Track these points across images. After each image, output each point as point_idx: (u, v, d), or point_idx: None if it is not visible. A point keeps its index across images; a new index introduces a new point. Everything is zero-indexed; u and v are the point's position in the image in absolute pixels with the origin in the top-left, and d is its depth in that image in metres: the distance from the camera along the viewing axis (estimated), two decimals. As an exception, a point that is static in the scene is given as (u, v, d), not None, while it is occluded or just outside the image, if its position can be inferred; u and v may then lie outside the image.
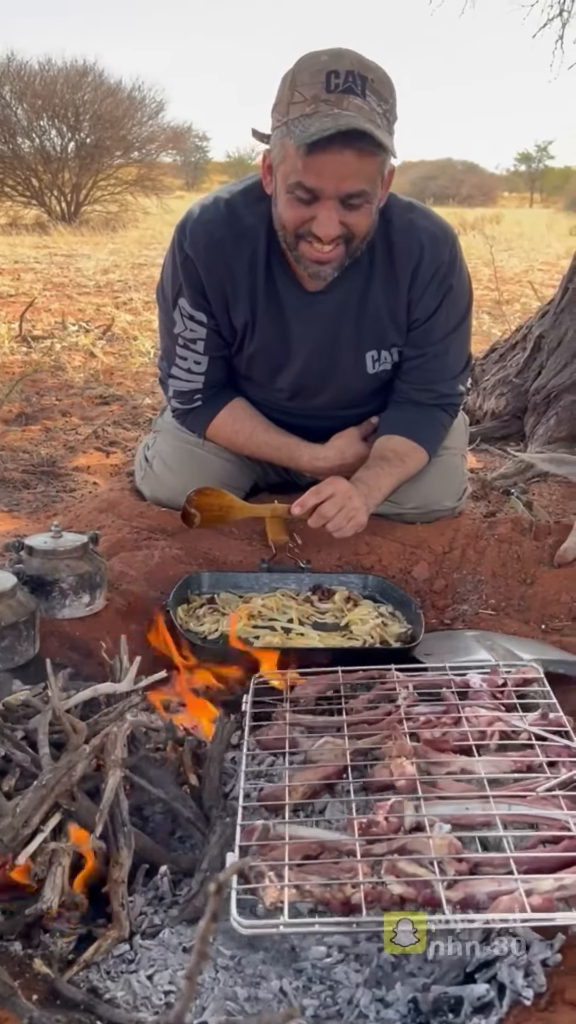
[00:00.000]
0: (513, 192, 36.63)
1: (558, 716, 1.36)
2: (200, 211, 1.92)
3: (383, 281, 1.92)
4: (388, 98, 1.66)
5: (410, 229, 1.90)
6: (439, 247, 1.91)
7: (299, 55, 1.69)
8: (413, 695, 1.44)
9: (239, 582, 1.90)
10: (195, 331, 1.98)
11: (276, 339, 1.98)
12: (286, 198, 1.72)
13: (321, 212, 1.69)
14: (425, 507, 2.13)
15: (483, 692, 1.44)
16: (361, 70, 1.63)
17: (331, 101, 1.60)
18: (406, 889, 1.03)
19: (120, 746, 1.21)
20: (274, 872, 1.05)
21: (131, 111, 16.83)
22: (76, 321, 5.62)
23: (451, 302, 1.97)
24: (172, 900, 1.16)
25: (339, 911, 1.03)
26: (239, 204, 1.89)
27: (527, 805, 1.17)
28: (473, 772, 1.24)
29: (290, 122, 1.63)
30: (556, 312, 3.36)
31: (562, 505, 2.48)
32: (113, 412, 3.56)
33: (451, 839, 1.09)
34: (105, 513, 2.14)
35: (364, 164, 1.64)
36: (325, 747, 1.32)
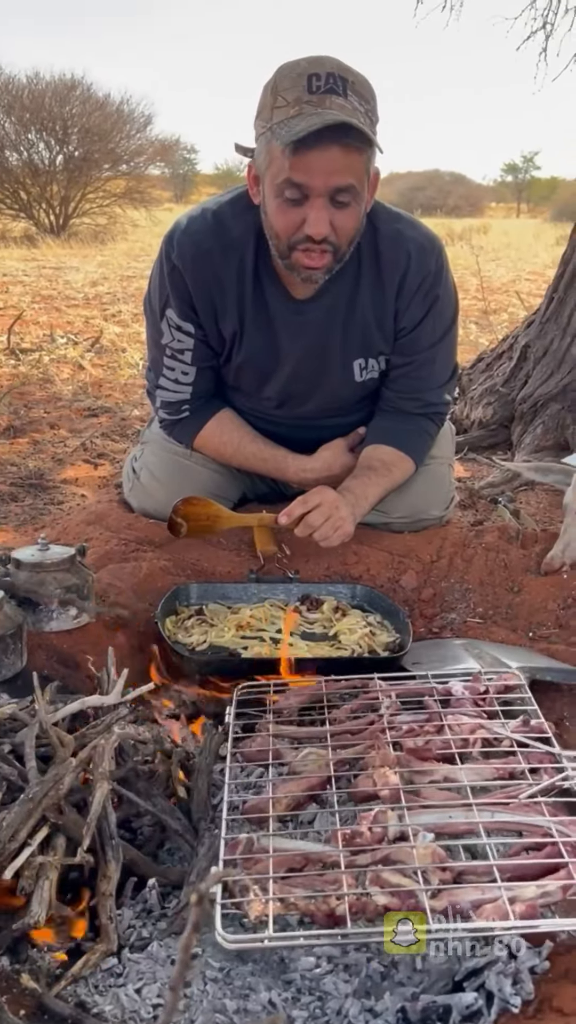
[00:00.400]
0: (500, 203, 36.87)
1: (539, 723, 1.36)
2: (187, 222, 1.93)
3: (370, 290, 1.93)
4: (369, 99, 1.68)
5: (397, 239, 1.91)
6: (426, 257, 1.92)
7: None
8: (396, 704, 1.44)
9: (227, 593, 1.90)
10: (183, 342, 1.99)
11: (264, 348, 1.99)
12: (276, 203, 1.72)
13: (311, 212, 1.69)
14: (413, 516, 2.14)
15: (465, 700, 1.45)
16: (341, 72, 1.65)
17: (314, 102, 1.62)
18: (391, 899, 1.03)
19: (108, 759, 1.21)
20: (258, 886, 1.05)
21: (119, 124, 16.89)
22: (64, 333, 5.62)
23: (437, 312, 1.98)
24: (160, 913, 1.16)
25: (324, 923, 1.03)
26: (226, 214, 1.91)
27: (510, 812, 1.18)
28: (456, 780, 1.25)
29: (275, 126, 1.65)
30: (542, 322, 3.38)
31: (549, 513, 2.50)
32: (101, 424, 3.56)
33: (435, 848, 1.09)
34: (93, 525, 2.14)
35: (351, 159, 1.66)
36: (309, 758, 1.32)
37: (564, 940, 1.11)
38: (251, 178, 1.80)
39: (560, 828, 1.13)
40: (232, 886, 1.05)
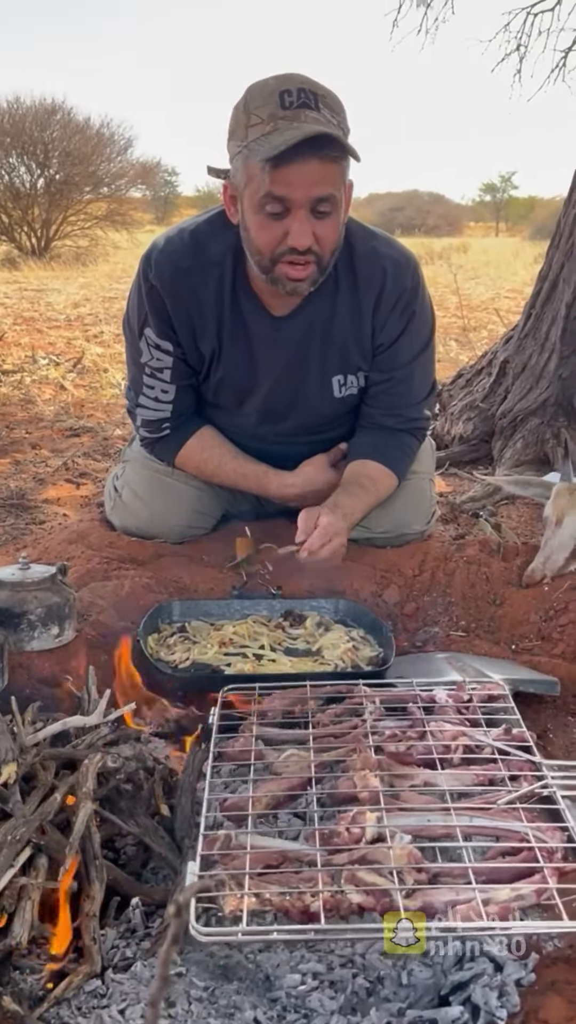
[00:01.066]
0: (479, 222, 37.24)
1: (521, 731, 1.37)
2: (165, 242, 1.94)
3: (348, 307, 1.94)
4: (339, 112, 1.70)
5: (373, 256, 1.92)
6: (402, 273, 1.94)
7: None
8: (380, 710, 1.45)
9: (210, 610, 1.90)
10: (161, 360, 2.00)
11: (243, 364, 1.99)
12: (257, 219, 1.73)
13: (293, 224, 1.70)
14: (395, 531, 2.15)
15: (448, 707, 1.46)
16: (311, 87, 1.67)
17: (288, 117, 1.64)
18: (365, 898, 1.04)
19: (91, 779, 1.20)
20: (234, 881, 1.05)
21: (100, 148, 17.00)
22: (46, 354, 5.63)
23: (415, 328, 2.00)
24: (144, 933, 1.14)
25: (298, 920, 1.03)
26: (203, 234, 1.92)
27: (488, 817, 1.19)
28: (436, 785, 1.26)
29: (251, 143, 1.66)
30: (520, 338, 3.41)
31: (529, 526, 2.51)
32: (83, 444, 3.55)
33: (411, 849, 1.10)
34: (75, 544, 2.14)
35: (329, 169, 1.68)
36: (290, 759, 1.32)
37: (550, 952, 1.11)
38: (227, 198, 1.81)
39: (536, 834, 1.14)
40: (208, 881, 1.05)
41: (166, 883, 1.22)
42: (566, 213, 3.32)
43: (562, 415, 3.14)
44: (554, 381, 3.20)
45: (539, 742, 1.61)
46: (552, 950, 1.12)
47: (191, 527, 2.19)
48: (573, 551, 2.03)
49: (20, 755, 1.21)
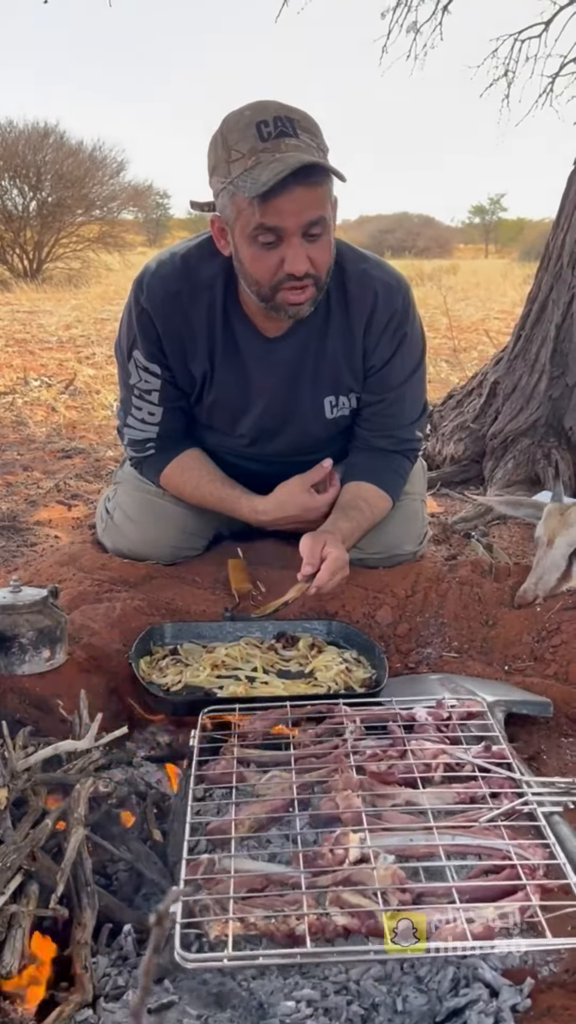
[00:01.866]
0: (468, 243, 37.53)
1: (501, 748, 1.38)
2: (157, 265, 1.96)
3: (339, 329, 1.96)
4: (316, 132, 1.72)
5: (363, 278, 1.94)
6: (392, 296, 1.96)
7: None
8: (360, 729, 1.45)
9: (202, 632, 1.89)
10: (149, 382, 2.01)
11: (236, 386, 2.00)
12: (251, 251, 1.74)
13: (288, 251, 1.72)
14: (387, 552, 2.15)
15: (428, 725, 1.46)
16: (286, 114, 1.68)
17: (269, 148, 1.65)
18: (350, 920, 1.04)
19: (83, 804, 1.19)
20: (219, 905, 1.05)
21: (92, 171, 17.11)
22: (38, 376, 5.64)
23: (406, 350, 2.01)
24: (137, 960, 1.13)
25: (283, 943, 1.03)
26: (194, 257, 1.93)
27: (470, 836, 1.19)
28: (418, 804, 1.26)
29: (236, 179, 1.67)
30: (510, 359, 3.43)
31: (521, 547, 2.52)
32: (75, 465, 3.55)
33: (395, 870, 1.11)
34: (66, 566, 2.13)
35: (316, 194, 1.69)
36: (272, 781, 1.31)
37: (545, 977, 1.10)
38: (216, 231, 1.82)
39: (519, 851, 1.15)
40: (192, 906, 1.05)
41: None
42: (555, 236, 3.35)
43: (552, 436, 3.16)
44: (544, 402, 3.22)
45: (532, 763, 1.61)
46: (547, 975, 1.11)
47: (183, 548, 2.19)
48: (565, 572, 2.04)
49: (11, 780, 1.20)
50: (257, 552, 2.25)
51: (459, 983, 1.06)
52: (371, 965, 1.10)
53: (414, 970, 1.10)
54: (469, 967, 1.09)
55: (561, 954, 1.14)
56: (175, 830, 1.28)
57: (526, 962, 1.13)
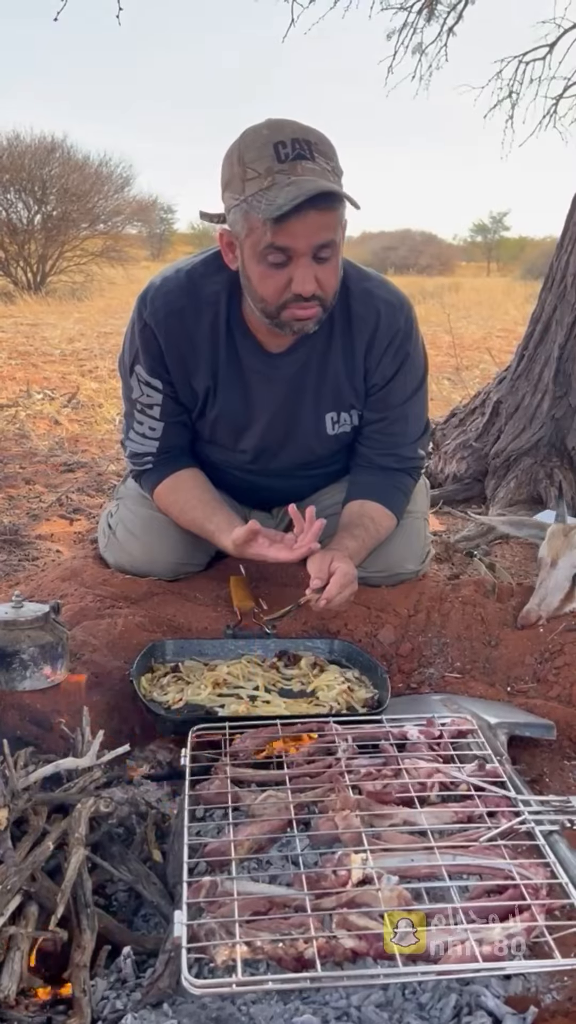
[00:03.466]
0: (471, 261, 37.69)
1: (494, 767, 1.37)
2: (161, 281, 1.97)
3: (341, 346, 1.97)
4: (332, 156, 1.73)
5: (367, 297, 1.95)
6: (395, 315, 1.96)
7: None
8: (352, 747, 1.44)
9: (204, 649, 1.88)
10: (151, 397, 2.01)
11: (238, 401, 2.01)
12: (260, 269, 1.75)
13: (296, 271, 1.73)
14: (389, 570, 2.14)
15: (420, 744, 1.45)
16: (304, 136, 1.69)
17: (285, 170, 1.66)
18: (358, 943, 1.03)
19: (83, 824, 1.18)
20: (224, 929, 1.04)
21: (98, 185, 17.25)
22: (41, 389, 5.65)
23: (408, 369, 2.01)
24: (136, 983, 1.12)
25: (292, 967, 1.01)
26: (198, 274, 1.94)
27: (471, 855, 1.18)
28: (416, 823, 1.25)
29: (250, 198, 1.68)
30: (513, 378, 3.44)
31: (524, 566, 2.51)
32: (78, 479, 3.56)
33: (400, 891, 1.10)
34: (68, 581, 2.13)
35: (328, 218, 1.70)
36: (268, 801, 1.31)
37: (548, 1005, 1.09)
38: (224, 244, 1.83)
39: (521, 871, 1.14)
40: (197, 930, 1.03)
41: (158, 931, 1.20)
42: (558, 257, 3.36)
43: (555, 455, 3.16)
44: (547, 422, 3.23)
45: (535, 785, 1.60)
46: (551, 1003, 1.10)
47: (185, 564, 2.19)
48: (568, 593, 2.03)
49: (11, 800, 1.19)
50: (259, 569, 2.25)
51: (461, 1011, 1.05)
52: (372, 991, 1.09)
53: (416, 996, 1.08)
54: (472, 994, 1.08)
55: (564, 981, 1.13)
56: (174, 851, 1.27)
57: (529, 989, 1.12)
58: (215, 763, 1.44)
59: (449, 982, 1.08)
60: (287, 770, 1.40)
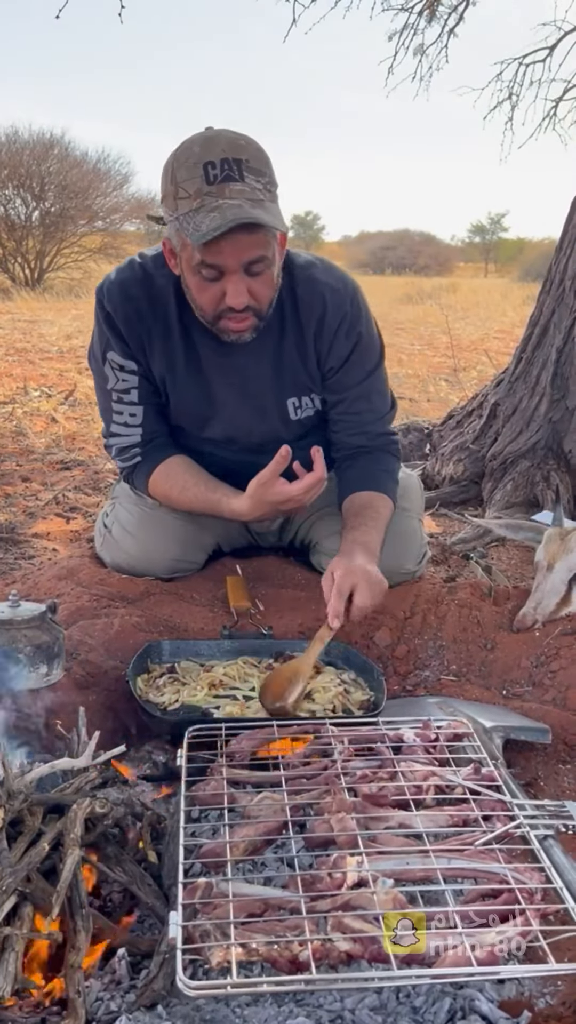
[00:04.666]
0: (468, 262, 37.72)
1: (490, 770, 1.37)
2: (116, 273, 2.04)
3: (293, 334, 2.01)
4: (265, 171, 1.75)
5: (311, 284, 1.99)
6: (340, 299, 2.00)
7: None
8: (349, 750, 1.44)
9: (200, 650, 1.88)
10: (127, 380, 2.04)
11: (197, 391, 2.05)
12: (195, 280, 1.81)
13: (229, 285, 1.78)
14: (386, 570, 2.13)
15: (417, 747, 1.46)
16: (234, 154, 1.71)
17: (213, 193, 1.69)
18: (353, 946, 1.03)
19: (79, 825, 1.18)
20: (219, 931, 1.04)
21: (96, 182, 17.23)
22: (38, 386, 5.64)
23: (362, 348, 2.04)
24: (130, 984, 1.12)
25: (287, 970, 1.01)
26: (150, 266, 2.00)
27: (466, 859, 1.19)
28: (411, 826, 1.26)
29: (181, 218, 1.73)
30: (511, 381, 3.45)
31: (520, 569, 2.52)
32: (74, 477, 3.55)
33: (395, 894, 1.10)
34: (64, 580, 2.12)
35: (257, 237, 1.74)
36: (264, 802, 1.31)
37: (542, 1010, 1.09)
38: (167, 252, 1.88)
39: (515, 875, 1.14)
40: (192, 931, 1.04)
41: (152, 932, 1.19)
42: (557, 260, 3.37)
43: (552, 458, 3.17)
44: (544, 425, 3.23)
45: (529, 789, 1.60)
46: (544, 1007, 1.10)
47: (181, 562, 2.19)
48: (564, 596, 2.04)
49: (7, 800, 1.19)
50: (256, 569, 2.25)
51: (455, 1015, 1.05)
52: (366, 995, 1.09)
53: (410, 1000, 1.09)
54: (466, 998, 1.08)
55: (558, 985, 1.13)
56: (170, 852, 1.27)
57: (523, 994, 1.12)
58: (211, 764, 1.44)
59: (443, 986, 1.08)
60: (283, 772, 1.40)
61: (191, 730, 1.48)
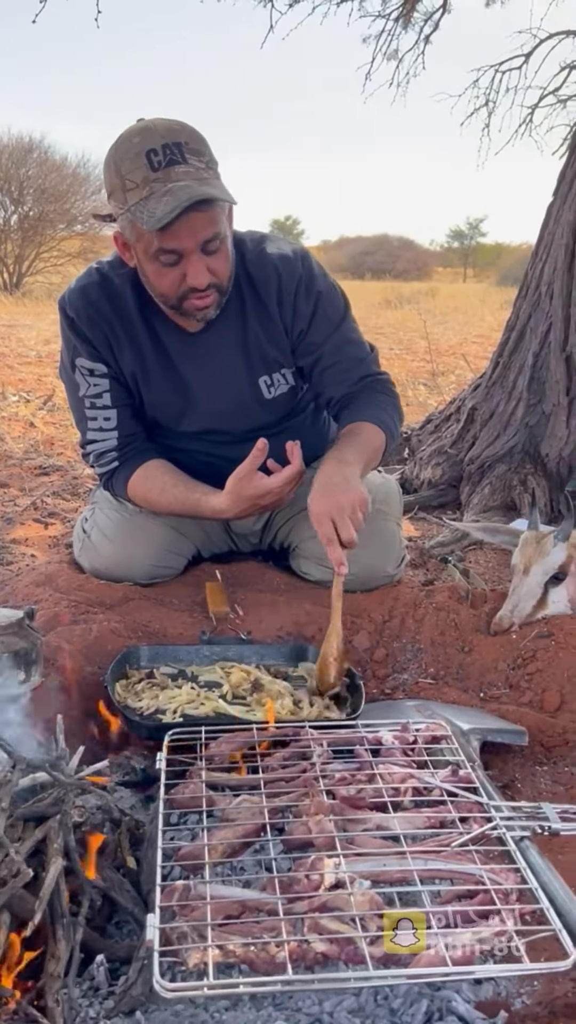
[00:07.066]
0: (447, 267, 37.88)
1: (467, 772, 1.39)
2: (76, 281, 2.08)
3: (255, 310, 2.03)
4: (204, 150, 1.80)
5: (263, 258, 2.03)
6: (291, 265, 2.03)
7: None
8: (327, 752, 1.45)
9: (179, 655, 1.88)
10: (99, 384, 2.06)
11: (171, 383, 2.07)
12: (154, 267, 1.84)
13: (189, 267, 1.82)
14: (366, 573, 2.15)
15: (395, 749, 1.47)
16: (172, 138, 1.76)
17: (160, 178, 1.74)
18: (329, 947, 1.03)
19: (61, 835, 1.18)
20: (196, 933, 1.04)
21: (75, 186, 17.20)
22: (16, 391, 5.61)
23: (325, 304, 2.06)
24: (108, 991, 1.12)
25: (264, 971, 1.02)
26: (107, 269, 2.05)
27: (443, 861, 1.19)
28: (389, 828, 1.26)
29: (133, 208, 1.76)
30: (488, 385, 3.47)
31: (497, 572, 2.54)
32: (53, 482, 3.54)
33: (372, 895, 1.10)
34: (42, 587, 2.12)
35: (211, 215, 1.78)
36: (242, 805, 1.31)
37: (519, 1010, 1.10)
38: (120, 246, 1.91)
39: (491, 876, 1.15)
40: (169, 934, 1.04)
41: (131, 938, 1.19)
42: (533, 266, 3.40)
43: (529, 462, 3.19)
44: (521, 429, 3.26)
45: (507, 791, 1.62)
46: (520, 1007, 1.11)
47: (160, 567, 2.18)
48: (540, 599, 2.05)
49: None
50: (236, 574, 2.25)
51: (432, 1016, 1.06)
52: (345, 997, 1.10)
53: (388, 1002, 1.10)
54: (443, 1000, 1.09)
55: (534, 985, 1.14)
56: (148, 857, 1.27)
57: (499, 994, 1.13)
58: (190, 768, 1.44)
59: (421, 988, 1.09)
60: (262, 775, 1.41)
61: (171, 734, 1.48)
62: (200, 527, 2.25)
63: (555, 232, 3.30)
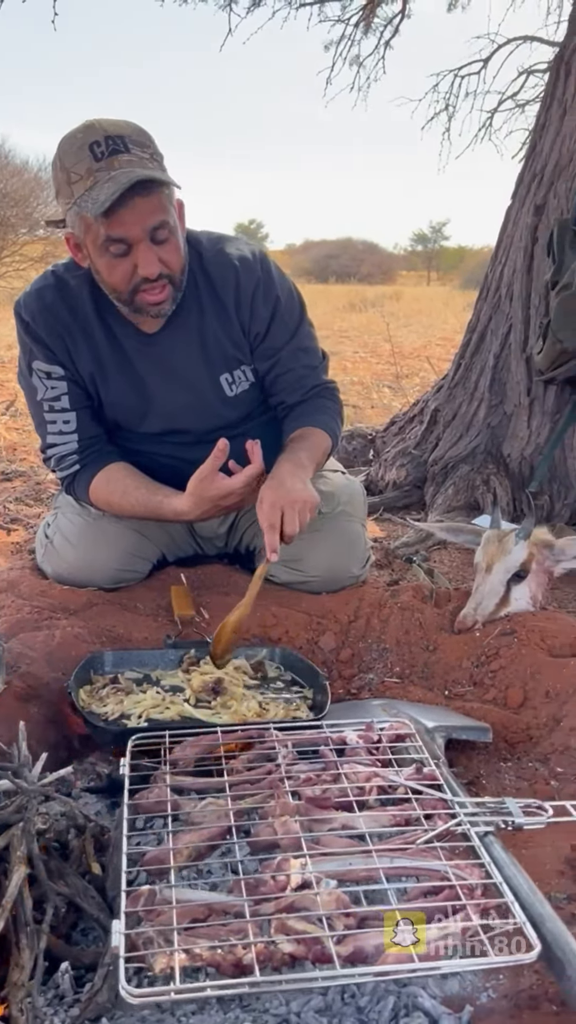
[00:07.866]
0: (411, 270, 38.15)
1: (431, 770, 1.40)
2: (32, 285, 2.09)
3: (212, 309, 2.04)
4: (148, 143, 1.82)
5: (221, 259, 2.04)
6: (250, 267, 2.05)
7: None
8: (292, 753, 1.45)
9: (144, 660, 1.87)
10: (56, 387, 2.06)
11: (129, 383, 2.07)
12: (105, 261, 1.85)
13: (139, 256, 1.83)
14: (331, 573, 2.16)
15: (359, 749, 1.47)
16: (115, 132, 1.79)
17: (103, 167, 1.76)
18: (296, 947, 1.03)
19: (25, 843, 1.17)
20: (162, 937, 1.04)
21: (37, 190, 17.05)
22: (-22, 397, 5.55)
23: (283, 309, 2.09)
24: (74, 998, 1.11)
25: (231, 973, 1.02)
26: (62, 272, 2.05)
27: (408, 858, 1.20)
28: (355, 827, 1.27)
29: (79, 200, 1.78)
30: (450, 387, 3.50)
31: (461, 572, 2.56)
32: (15, 488, 3.50)
33: (338, 894, 1.11)
34: (4, 593, 2.10)
35: (155, 200, 1.79)
36: (207, 808, 1.31)
37: (485, 1004, 1.11)
38: (72, 247, 1.92)
39: (456, 872, 1.16)
40: (135, 939, 1.03)
41: (97, 945, 1.18)
42: (493, 269, 3.44)
43: (491, 462, 3.23)
44: (483, 430, 3.29)
45: (472, 788, 1.63)
46: (486, 1001, 1.12)
47: (124, 571, 2.17)
48: (503, 597, 2.07)
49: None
50: (201, 577, 2.25)
51: (399, 1013, 1.07)
52: (312, 997, 1.10)
53: (355, 1000, 1.10)
54: (409, 995, 1.09)
55: (499, 979, 1.15)
56: (113, 862, 1.27)
57: (465, 988, 1.14)
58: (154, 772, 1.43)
59: (387, 985, 1.10)
60: (227, 777, 1.40)
61: (134, 739, 1.47)
62: (165, 531, 2.24)
63: (513, 235, 3.34)
